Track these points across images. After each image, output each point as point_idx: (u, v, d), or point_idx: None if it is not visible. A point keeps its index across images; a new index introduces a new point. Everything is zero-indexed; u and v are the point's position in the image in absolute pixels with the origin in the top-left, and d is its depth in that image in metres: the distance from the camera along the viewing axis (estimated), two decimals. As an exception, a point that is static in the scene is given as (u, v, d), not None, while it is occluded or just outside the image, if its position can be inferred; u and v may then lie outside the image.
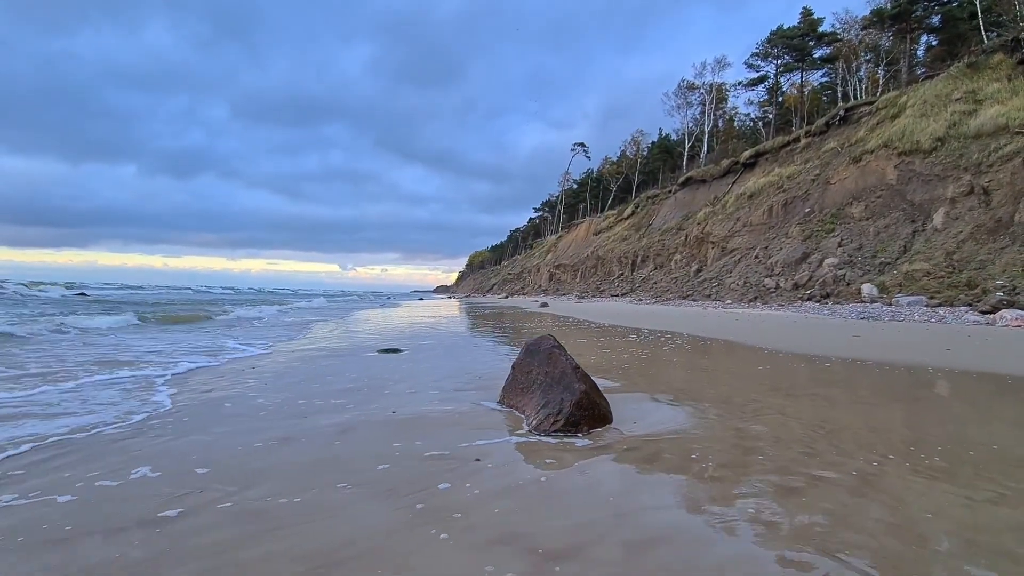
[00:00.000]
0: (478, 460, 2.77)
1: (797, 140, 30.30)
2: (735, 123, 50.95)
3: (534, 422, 3.51)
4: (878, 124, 23.27)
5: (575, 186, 68.23)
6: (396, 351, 7.57)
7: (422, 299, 56.67)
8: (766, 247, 22.45)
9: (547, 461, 2.76)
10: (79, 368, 5.46)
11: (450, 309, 26.38)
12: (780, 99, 42.57)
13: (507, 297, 47.78)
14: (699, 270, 26.56)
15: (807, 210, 22.48)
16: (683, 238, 31.55)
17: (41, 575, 1.67)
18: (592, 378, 3.91)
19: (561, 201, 69.55)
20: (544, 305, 26.54)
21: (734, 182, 33.76)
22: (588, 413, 3.55)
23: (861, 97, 31.57)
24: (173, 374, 5.29)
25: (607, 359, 6.87)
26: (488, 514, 2.09)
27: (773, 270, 20.22)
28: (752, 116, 48.04)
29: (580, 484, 2.43)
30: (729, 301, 19.66)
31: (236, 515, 2.08)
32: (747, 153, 34.00)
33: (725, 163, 36.33)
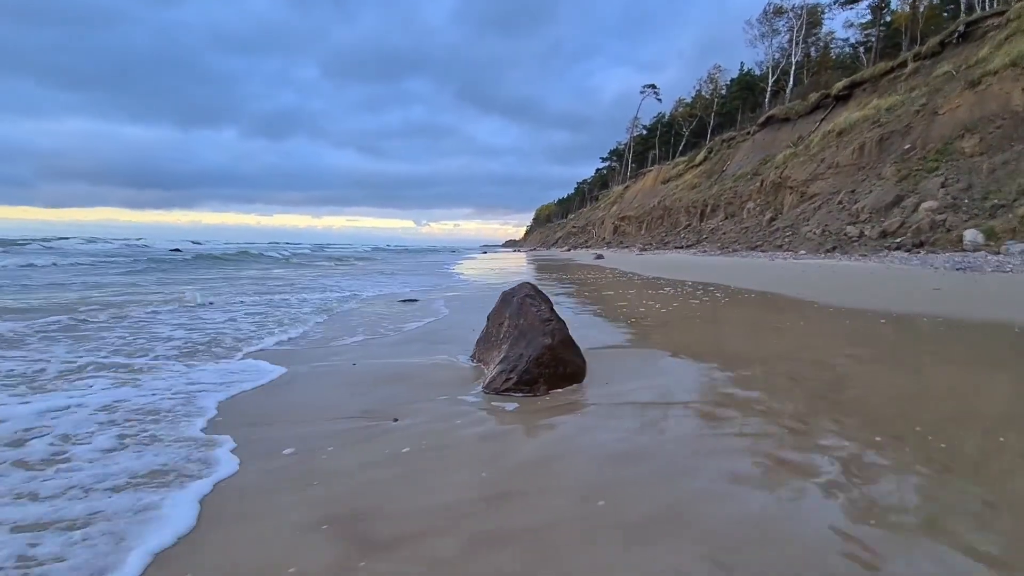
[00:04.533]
0: (396, 420, 2.53)
1: (903, 65, 26.16)
2: (831, 51, 44.92)
3: (488, 379, 3.21)
4: (1006, 39, 19.40)
5: (644, 132, 64.24)
6: (414, 301, 7.51)
7: (485, 252, 57.14)
8: (852, 191, 19.95)
9: (457, 424, 2.46)
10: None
11: (506, 262, 26.29)
12: (887, 19, 36.80)
13: (568, 250, 46.86)
14: (773, 219, 24.31)
15: (907, 147, 19.56)
16: (758, 184, 28.88)
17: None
18: (570, 332, 3.52)
19: (629, 149, 65.95)
20: (599, 257, 25.69)
21: (823, 119, 30.10)
22: (550, 371, 3.20)
23: (991, 8, 26.39)
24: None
25: (622, 311, 6.36)
26: (333, 487, 1.84)
27: (858, 216, 17.99)
28: (852, 41, 42.08)
29: (464, 457, 2.11)
30: (803, 252, 17.87)
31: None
32: (840, 84, 30.00)
33: (813, 97, 32.37)
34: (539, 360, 3.21)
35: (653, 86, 61.86)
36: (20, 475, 1.85)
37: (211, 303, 6.91)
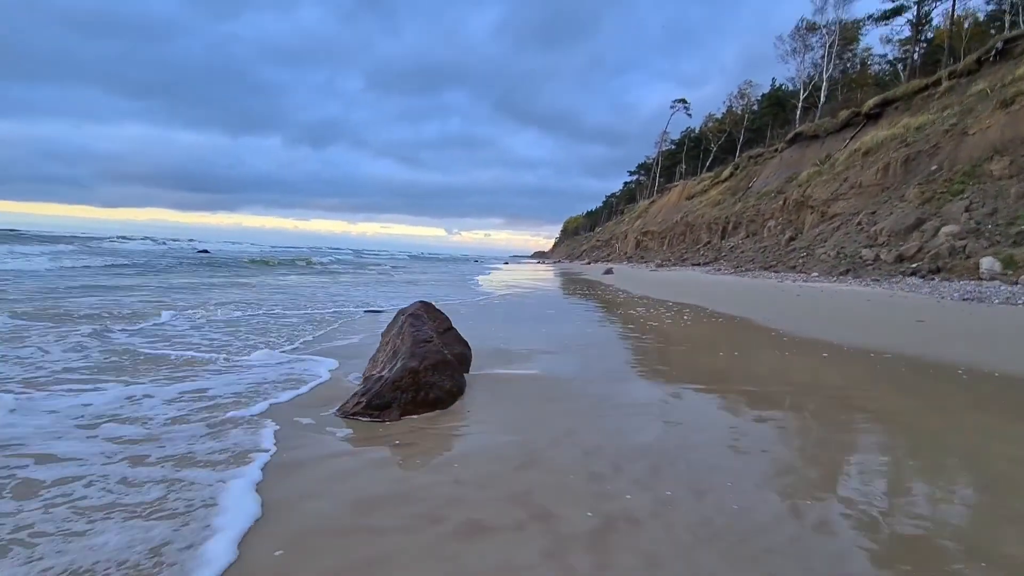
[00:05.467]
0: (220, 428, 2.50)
1: (938, 83, 25.06)
2: (868, 67, 43.46)
3: (344, 400, 3.15)
4: (1046, 57, 18.37)
5: (672, 147, 63.44)
6: (379, 311, 7.55)
7: (507, 263, 57.25)
8: (873, 212, 19.12)
9: (263, 446, 2.42)
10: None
11: (515, 274, 26.27)
12: (926, 35, 35.43)
13: (588, 263, 46.46)
14: (792, 238, 23.51)
15: (933, 168, 18.65)
16: (781, 202, 28.04)
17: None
18: (449, 356, 3.44)
19: (658, 163, 65.19)
20: (608, 272, 25.35)
21: (852, 136, 29.08)
22: (409, 396, 3.11)
23: (1038, 24, 25.07)
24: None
25: (557, 332, 6.21)
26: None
27: (876, 239, 17.21)
28: (890, 58, 40.65)
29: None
30: (815, 274, 17.18)
31: None
32: (871, 102, 28.94)
33: (844, 115, 31.30)
34: (397, 384, 3.14)
35: (683, 101, 61.09)
36: None
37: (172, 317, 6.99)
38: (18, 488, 1.89)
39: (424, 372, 3.24)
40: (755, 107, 50.56)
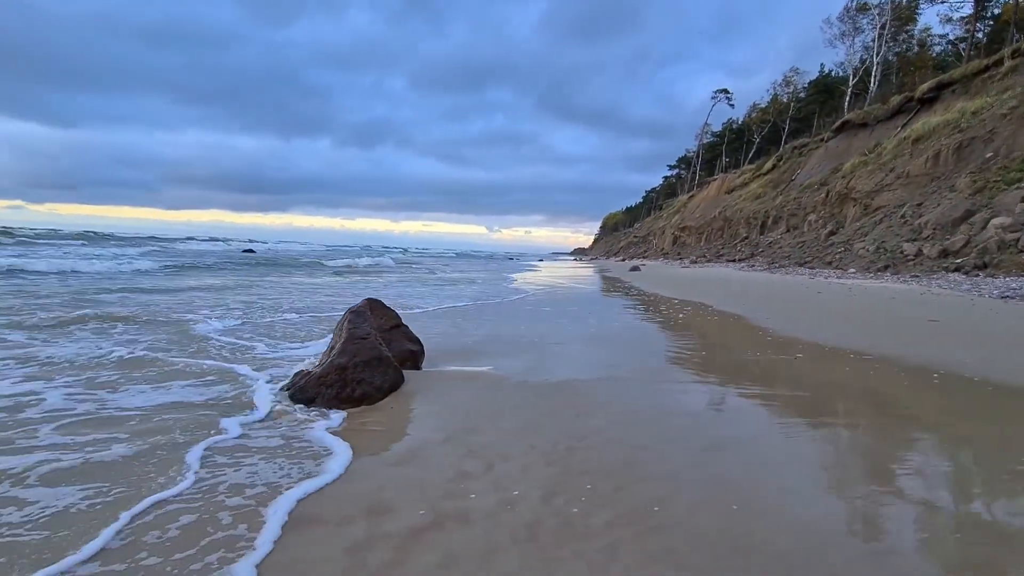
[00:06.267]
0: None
1: (999, 63, 23.13)
2: (928, 48, 40.47)
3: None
4: (1124, 29, 16.59)
5: (714, 139, 61.37)
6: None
7: (542, 260, 57.16)
8: (919, 204, 17.89)
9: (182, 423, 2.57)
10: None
11: (537, 275, 26.22)
12: (992, 11, 32.70)
13: (622, 260, 45.68)
14: (832, 232, 22.31)
15: (988, 155, 17.25)
16: (823, 195, 26.65)
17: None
18: (385, 353, 3.53)
19: (698, 156, 63.26)
20: (634, 269, 24.87)
21: (905, 123, 27.27)
22: (335, 392, 3.23)
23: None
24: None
25: (530, 331, 6.19)
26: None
27: (920, 233, 16.10)
28: (951, 38, 37.74)
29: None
30: (852, 270, 16.28)
31: None
32: (925, 86, 27.05)
33: (895, 100, 29.41)
34: (322, 379, 3.25)
35: (725, 91, 58.91)
36: None
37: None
38: None
39: (353, 368, 3.33)
40: (801, 95, 48.20)
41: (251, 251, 37.66)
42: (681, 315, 7.79)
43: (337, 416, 2.99)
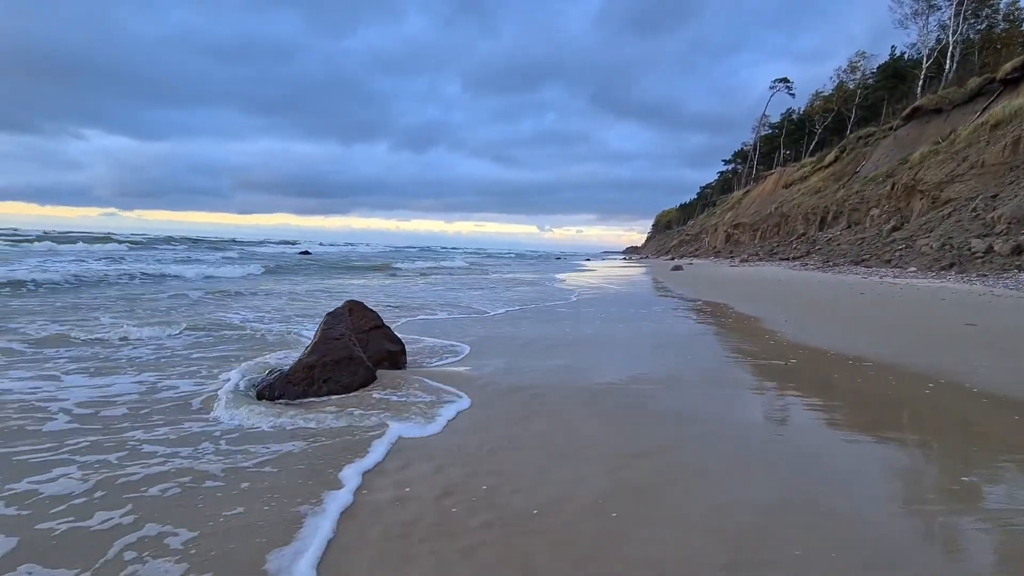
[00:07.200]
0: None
1: (1099, 35, 20.64)
2: (1017, 24, 36.60)
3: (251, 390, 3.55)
4: None
5: (772, 131, 58.41)
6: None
7: (588, 260, 56.62)
8: (993, 196, 16.31)
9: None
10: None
11: (581, 274, 26.03)
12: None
13: (671, 259, 44.38)
14: (896, 228, 20.72)
15: (1077, 140, 15.50)
16: (888, 188, 24.80)
17: None
18: (357, 353, 3.72)
19: (755, 150, 60.46)
20: (676, 268, 24.17)
21: (984, 108, 24.88)
22: (301, 389, 3.47)
23: None
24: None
25: (524, 333, 6.22)
26: None
27: (992, 227, 14.69)
28: (1045, 9, 33.95)
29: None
30: (912, 269, 15.07)
31: None
32: (1008, 65, 24.56)
33: (974, 83, 26.89)
34: (289, 377, 3.47)
35: (785, 80, 56.00)
36: None
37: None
38: None
39: (321, 367, 3.54)
40: (869, 81, 44.98)
41: (307, 252, 39.67)
42: (690, 316, 7.57)
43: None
